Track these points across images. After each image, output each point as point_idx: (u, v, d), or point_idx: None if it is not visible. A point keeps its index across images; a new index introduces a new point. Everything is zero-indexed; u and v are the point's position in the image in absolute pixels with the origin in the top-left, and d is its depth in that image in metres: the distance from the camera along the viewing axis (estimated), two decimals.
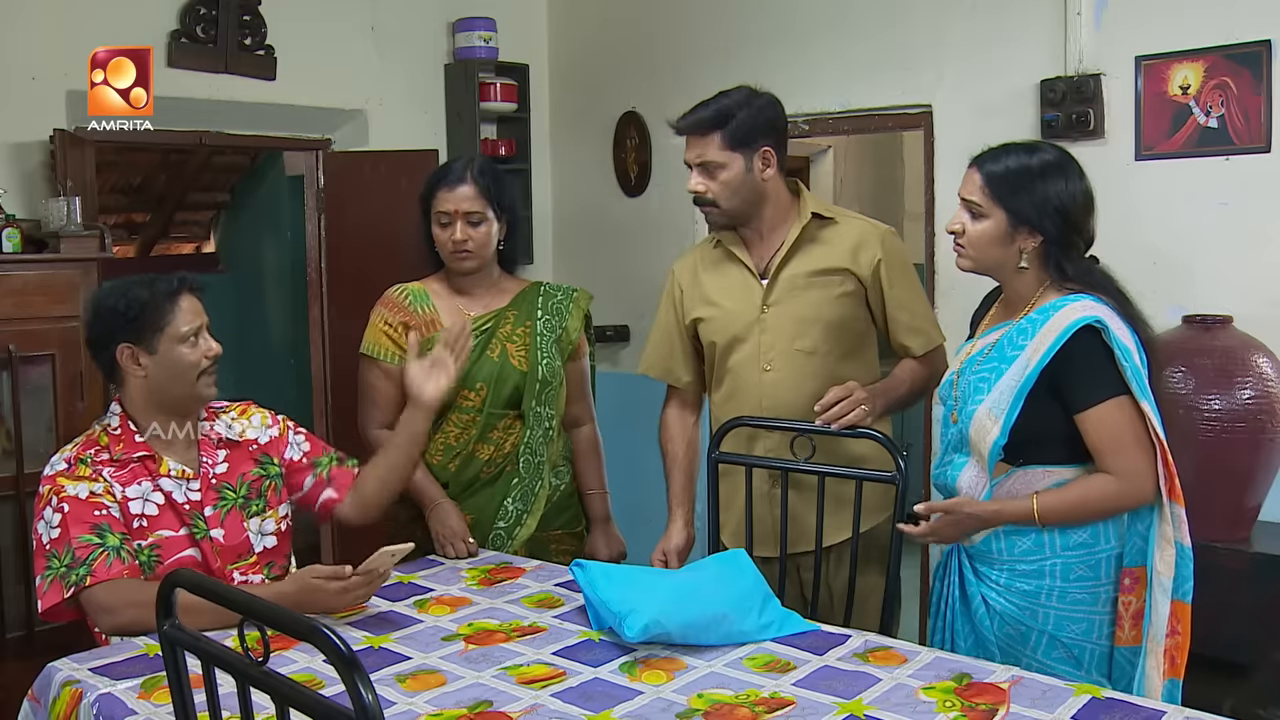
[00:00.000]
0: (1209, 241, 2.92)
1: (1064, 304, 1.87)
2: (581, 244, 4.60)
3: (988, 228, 1.92)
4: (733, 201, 2.27)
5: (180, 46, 3.59)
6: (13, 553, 2.98)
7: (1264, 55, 2.80)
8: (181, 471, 2.02)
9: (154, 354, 1.98)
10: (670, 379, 2.49)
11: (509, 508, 2.44)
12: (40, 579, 1.88)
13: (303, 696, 1.09)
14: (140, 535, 1.95)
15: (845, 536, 2.26)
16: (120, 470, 1.98)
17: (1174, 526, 1.84)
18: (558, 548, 2.49)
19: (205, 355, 2.02)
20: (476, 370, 2.41)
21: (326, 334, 4.18)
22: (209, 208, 5.93)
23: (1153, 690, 1.82)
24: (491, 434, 2.43)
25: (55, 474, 1.96)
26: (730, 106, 2.23)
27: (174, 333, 1.99)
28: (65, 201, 3.09)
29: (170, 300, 2.00)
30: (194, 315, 2.02)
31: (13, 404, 2.98)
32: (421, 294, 2.48)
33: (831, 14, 3.66)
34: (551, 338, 2.48)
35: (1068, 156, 1.94)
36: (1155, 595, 1.84)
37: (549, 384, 2.45)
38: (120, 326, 1.98)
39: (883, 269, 2.29)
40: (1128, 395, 1.83)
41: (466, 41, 4.29)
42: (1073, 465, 1.90)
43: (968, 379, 1.98)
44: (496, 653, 1.78)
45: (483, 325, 2.44)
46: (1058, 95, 3.09)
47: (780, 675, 1.68)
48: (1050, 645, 1.90)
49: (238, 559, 2.05)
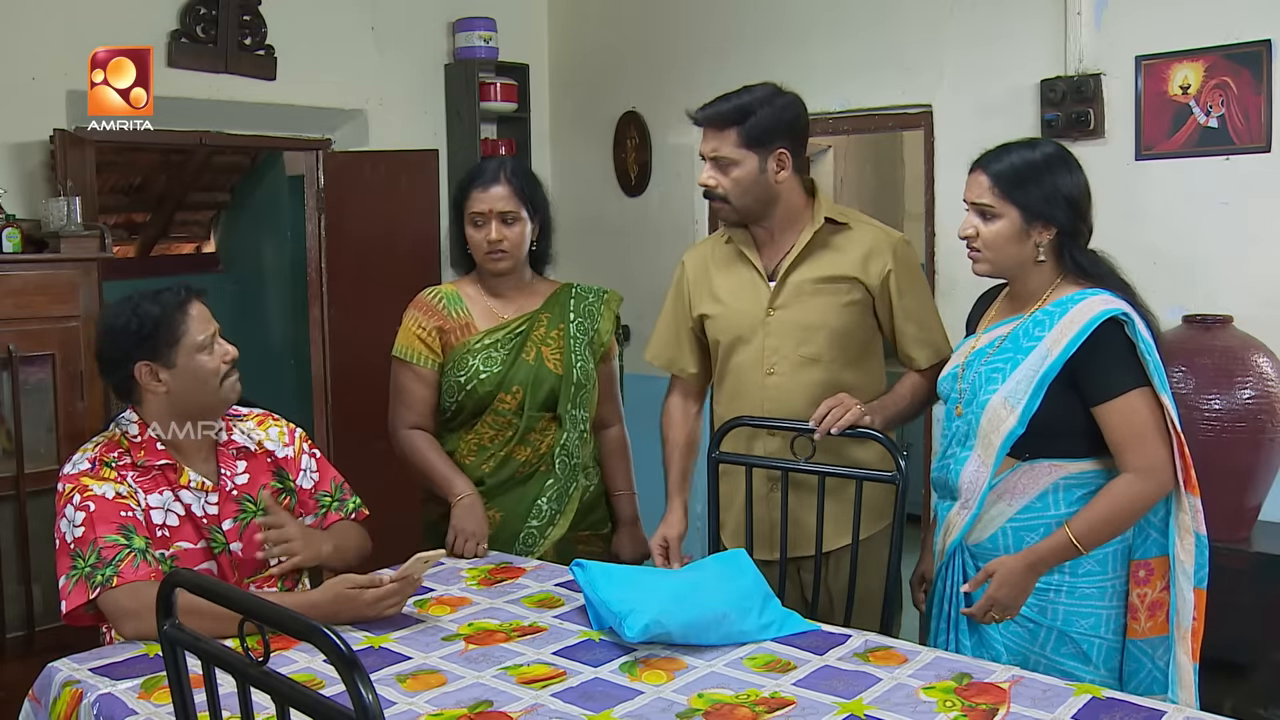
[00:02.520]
0: (1209, 241, 2.92)
1: (1083, 297, 1.88)
2: (581, 244, 4.58)
3: (1002, 227, 1.92)
4: (744, 199, 2.25)
5: (180, 46, 3.59)
6: (13, 553, 2.98)
7: (1264, 55, 2.80)
8: (201, 483, 2.01)
9: (173, 368, 1.97)
10: (675, 369, 2.48)
11: (543, 507, 2.44)
12: (65, 579, 1.85)
13: (303, 696, 1.09)
14: (162, 545, 1.93)
15: (845, 542, 2.25)
16: (143, 477, 1.96)
17: (1191, 516, 1.86)
18: (584, 549, 2.48)
19: (223, 360, 2.01)
20: (514, 373, 2.41)
21: (326, 334, 4.18)
22: (209, 208, 5.92)
23: (1185, 677, 1.85)
24: (530, 436, 2.43)
25: (79, 473, 1.93)
26: (751, 104, 2.20)
27: (190, 343, 1.97)
28: (65, 201, 3.09)
29: (181, 311, 1.98)
30: (206, 322, 2.01)
31: (13, 404, 2.97)
32: (455, 296, 2.48)
33: (831, 14, 3.66)
34: (584, 340, 2.48)
35: (1065, 149, 1.96)
36: (1180, 584, 1.87)
37: (584, 386, 2.45)
38: (136, 344, 1.95)
39: (893, 279, 2.27)
40: (1149, 387, 1.84)
41: (466, 41, 4.29)
42: (1081, 459, 1.91)
43: (976, 371, 1.97)
44: (497, 653, 1.78)
45: (516, 328, 2.44)
46: (1058, 95, 3.09)
47: (780, 675, 1.68)
48: (1060, 641, 1.90)
49: (255, 571, 2.04)
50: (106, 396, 3.18)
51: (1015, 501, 1.93)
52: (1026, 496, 1.93)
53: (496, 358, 2.41)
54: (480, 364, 2.40)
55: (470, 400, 2.42)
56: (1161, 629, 1.90)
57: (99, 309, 3.08)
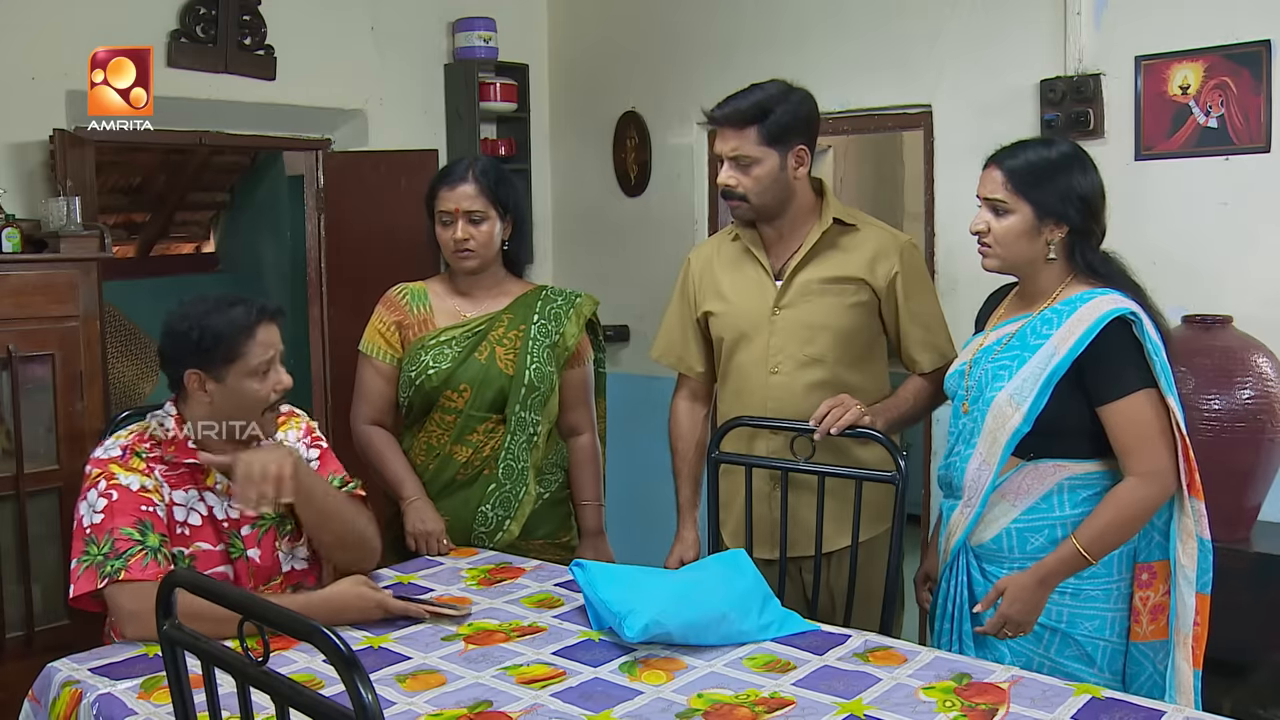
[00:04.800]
0: (1209, 241, 2.92)
1: (1092, 296, 1.88)
2: (581, 244, 4.59)
3: (1014, 223, 1.92)
4: (763, 198, 2.25)
5: (180, 46, 3.59)
6: (13, 553, 2.97)
7: (1264, 55, 2.80)
8: (226, 487, 1.99)
9: (222, 383, 1.95)
10: (682, 367, 2.48)
11: (487, 514, 2.42)
12: (76, 562, 1.84)
13: (303, 696, 1.09)
14: (182, 542, 1.92)
15: (845, 544, 2.25)
16: (171, 472, 1.95)
17: (1194, 520, 1.85)
18: (539, 558, 2.40)
19: (274, 389, 1.98)
20: (462, 371, 2.39)
21: (326, 334, 4.18)
22: (209, 208, 5.92)
23: (1185, 682, 1.84)
24: (470, 436, 2.41)
25: (109, 459, 1.92)
26: (768, 101, 2.20)
27: (244, 367, 1.94)
28: (65, 201, 3.09)
29: (246, 333, 1.94)
30: (268, 347, 1.96)
31: (12, 404, 2.97)
32: (420, 293, 2.48)
33: (831, 14, 3.66)
34: (545, 343, 2.44)
35: (1081, 149, 1.96)
36: (1180, 588, 1.85)
37: (536, 389, 2.42)
38: (190, 353, 1.93)
39: (899, 282, 2.27)
40: (1155, 389, 1.84)
41: (466, 41, 4.28)
42: (1086, 460, 1.90)
43: (983, 368, 1.97)
44: (496, 653, 1.78)
45: (475, 327, 2.43)
46: (1057, 95, 3.09)
47: (780, 675, 1.68)
48: (1064, 643, 1.90)
49: (269, 579, 2.03)
50: (106, 396, 3.18)
51: (1019, 502, 1.93)
52: (1031, 497, 1.92)
53: (448, 355, 2.39)
54: (430, 360, 2.39)
55: (419, 397, 2.41)
56: (1162, 633, 1.89)
57: (99, 309, 3.08)
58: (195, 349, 1.93)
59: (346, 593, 1.91)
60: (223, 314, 1.94)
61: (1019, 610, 1.88)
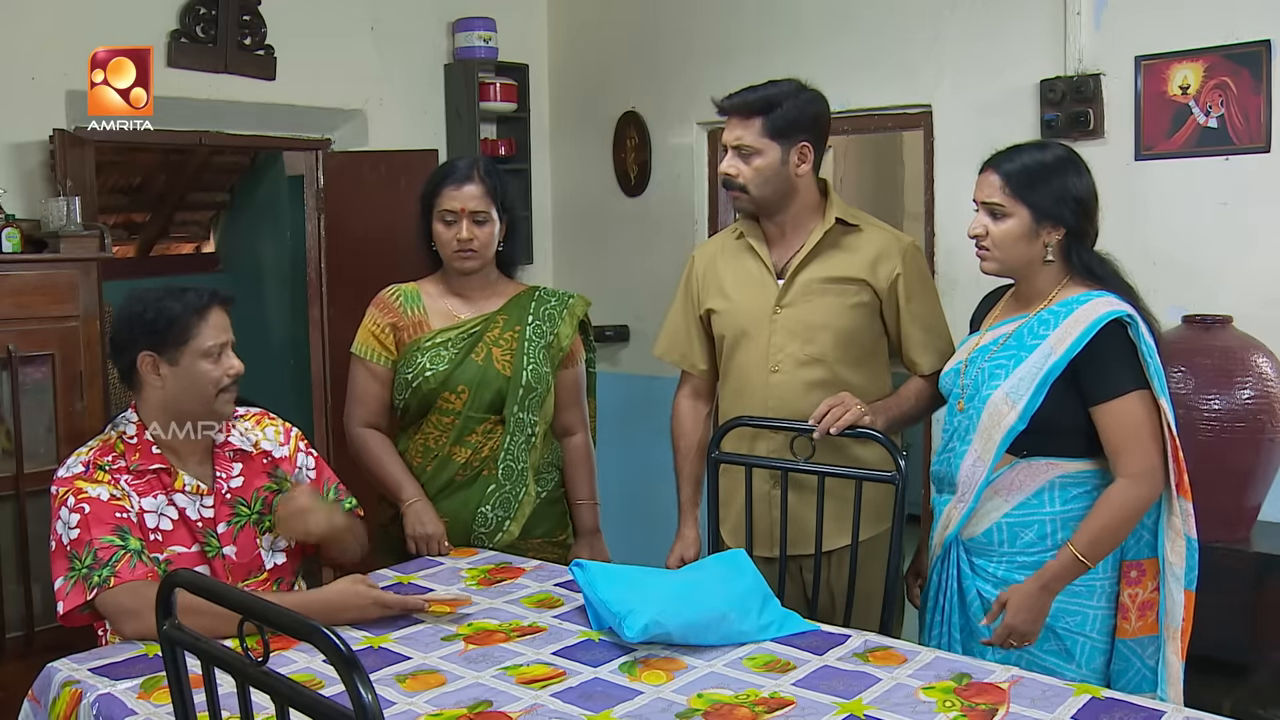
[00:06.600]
0: (1209, 241, 2.92)
1: (1089, 298, 1.90)
2: (581, 244, 4.59)
3: (1012, 226, 1.94)
4: (763, 190, 2.26)
5: (180, 46, 3.59)
6: (12, 553, 2.98)
7: (1264, 55, 2.80)
8: (196, 487, 2.00)
9: (175, 366, 1.97)
10: (685, 365, 2.48)
11: (488, 514, 2.41)
12: (62, 580, 1.85)
13: (302, 696, 1.09)
14: (155, 549, 1.93)
15: (845, 543, 2.25)
16: (137, 480, 1.96)
17: (1182, 520, 1.89)
18: (537, 556, 2.41)
19: (227, 373, 2.01)
20: (460, 373, 2.39)
21: (326, 334, 4.18)
22: (209, 208, 5.93)
23: (1174, 675, 1.88)
24: (469, 437, 2.41)
25: (72, 476, 1.93)
26: (777, 95, 2.23)
27: (197, 347, 1.97)
28: (65, 201, 3.09)
29: (199, 314, 1.98)
30: (220, 331, 2.00)
31: (12, 404, 2.97)
32: (414, 294, 2.48)
33: (831, 14, 3.66)
34: (540, 344, 2.44)
35: (1074, 152, 1.99)
36: (1169, 585, 1.89)
37: (533, 390, 2.42)
38: (144, 334, 1.96)
39: (901, 283, 2.28)
40: (1148, 390, 1.86)
41: (466, 41, 4.28)
42: (1078, 459, 1.92)
43: (979, 367, 1.99)
44: (496, 653, 1.78)
45: (470, 328, 2.43)
46: (1057, 95, 3.09)
47: (780, 675, 1.68)
48: (1044, 637, 1.93)
49: (248, 575, 2.04)
50: (106, 396, 3.18)
51: (1012, 497, 1.95)
52: (1023, 493, 1.94)
53: (445, 356, 2.39)
54: (427, 362, 2.39)
55: (416, 399, 2.41)
56: (1151, 629, 1.93)
57: (99, 309, 3.08)
58: (148, 330, 1.95)
59: (344, 591, 1.91)
60: (176, 298, 1.98)
61: (1024, 620, 1.90)
